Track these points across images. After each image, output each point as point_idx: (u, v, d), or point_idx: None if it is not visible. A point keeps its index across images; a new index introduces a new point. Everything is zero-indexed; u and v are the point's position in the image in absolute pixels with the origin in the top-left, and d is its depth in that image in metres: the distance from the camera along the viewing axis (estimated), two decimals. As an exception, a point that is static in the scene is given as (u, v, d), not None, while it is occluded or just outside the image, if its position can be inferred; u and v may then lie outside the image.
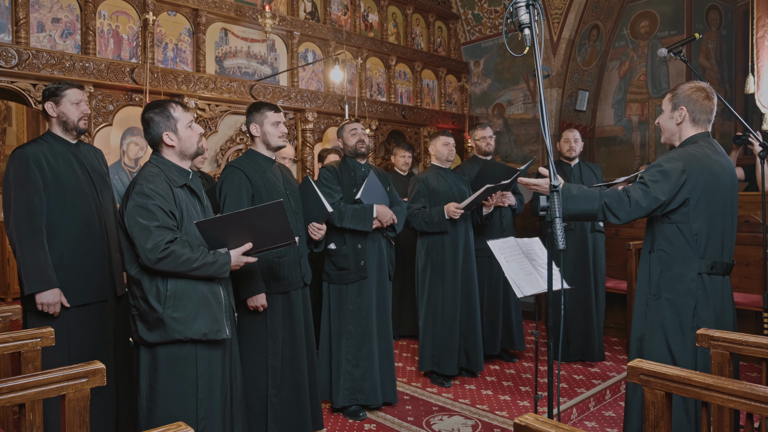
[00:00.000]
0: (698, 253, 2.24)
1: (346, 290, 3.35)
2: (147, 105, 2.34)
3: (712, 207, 2.25)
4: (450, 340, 3.86)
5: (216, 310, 2.23)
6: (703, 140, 2.33)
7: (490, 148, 4.36)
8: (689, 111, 2.33)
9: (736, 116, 3.05)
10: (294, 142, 5.36)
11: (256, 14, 4.96)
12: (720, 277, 2.27)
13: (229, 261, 2.22)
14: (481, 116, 7.06)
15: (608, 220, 2.26)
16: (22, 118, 7.83)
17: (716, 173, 2.25)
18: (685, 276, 2.25)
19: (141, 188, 2.14)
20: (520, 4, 1.99)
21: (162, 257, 2.07)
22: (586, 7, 6.02)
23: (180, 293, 2.15)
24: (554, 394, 2.31)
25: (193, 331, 2.15)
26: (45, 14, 3.93)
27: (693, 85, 2.35)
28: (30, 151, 2.61)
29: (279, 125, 2.86)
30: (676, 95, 2.36)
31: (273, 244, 2.35)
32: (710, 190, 2.24)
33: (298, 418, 2.86)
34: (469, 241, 3.98)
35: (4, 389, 1.45)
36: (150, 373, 2.19)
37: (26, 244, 2.53)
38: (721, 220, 2.28)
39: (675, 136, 2.40)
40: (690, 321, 2.23)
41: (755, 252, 4.22)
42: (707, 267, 2.24)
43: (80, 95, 2.76)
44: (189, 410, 2.20)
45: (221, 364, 2.30)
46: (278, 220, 2.27)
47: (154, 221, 2.10)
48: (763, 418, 1.69)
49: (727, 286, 2.30)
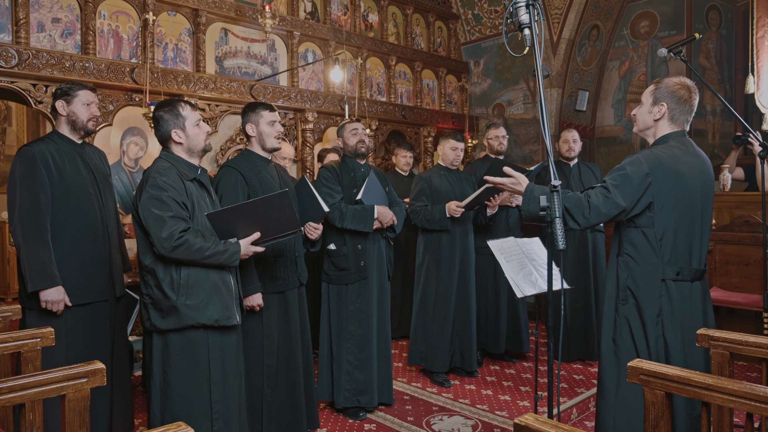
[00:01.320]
0: (663, 259, 2.15)
1: (346, 291, 3.35)
2: (158, 104, 2.44)
3: (678, 211, 2.15)
4: (439, 338, 3.86)
5: (227, 298, 2.32)
6: (675, 140, 2.22)
7: (502, 148, 4.34)
8: (669, 108, 2.23)
9: (736, 116, 3.04)
10: (294, 142, 5.36)
11: (256, 14, 4.96)
12: (688, 284, 2.17)
13: (239, 250, 2.32)
14: (481, 116, 7.06)
15: (568, 224, 2.14)
16: (22, 118, 7.84)
17: (683, 175, 2.15)
18: (650, 282, 2.17)
19: (155, 181, 2.23)
20: (520, 4, 1.99)
21: (176, 245, 2.16)
22: (586, 7, 6.02)
23: (193, 281, 2.24)
24: (554, 394, 2.31)
25: (205, 318, 2.25)
26: (45, 14, 3.93)
27: (677, 81, 2.24)
28: (37, 149, 2.63)
29: (275, 125, 2.87)
30: (658, 89, 2.25)
31: (280, 233, 2.45)
32: (677, 193, 2.14)
33: (294, 417, 2.87)
34: (468, 242, 3.98)
35: (4, 389, 1.45)
36: (163, 359, 2.26)
37: (31, 242, 2.54)
38: (689, 223, 2.18)
39: (650, 131, 2.30)
40: (653, 328, 2.15)
41: (755, 252, 4.22)
42: (673, 273, 2.15)
43: (92, 97, 2.81)
44: (203, 394, 2.27)
45: (234, 351, 2.38)
46: (284, 209, 2.37)
47: (168, 212, 2.20)
48: (763, 418, 1.69)
49: (696, 292, 2.19)
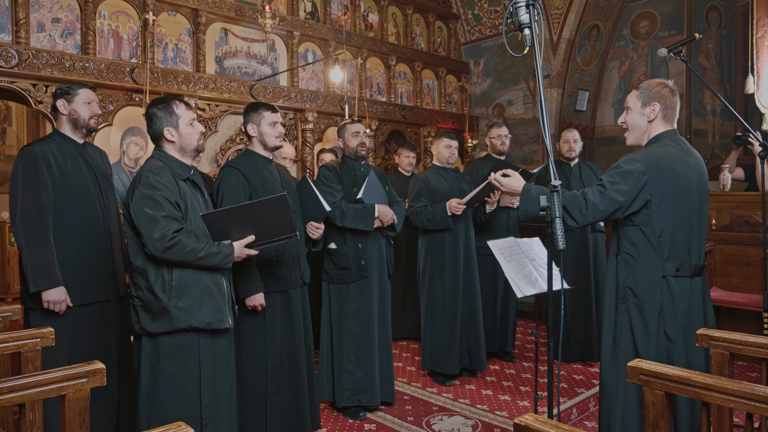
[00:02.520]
0: (662, 256, 2.17)
1: (347, 290, 3.35)
2: (152, 101, 2.40)
3: (676, 208, 2.17)
4: (450, 340, 3.86)
5: (219, 300, 2.28)
6: (668, 138, 2.25)
7: (504, 147, 4.33)
8: (662, 107, 2.26)
9: (736, 116, 3.04)
10: (294, 142, 5.36)
11: (256, 14, 4.96)
12: (688, 279, 2.19)
13: (233, 252, 2.28)
14: (481, 116, 7.07)
15: (566, 222, 2.15)
16: (22, 118, 7.84)
17: (679, 172, 2.17)
18: (650, 279, 2.18)
19: (147, 180, 2.19)
20: (520, 4, 1.99)
21: (169, 246, 2.12)
22: (586, 7, 6.02)
23: (185, 283, 2.20)
24: (554, 394, 2.31)
25: (197, 320, 2.20)
26: (45, 14, 3.93)
27: (660, 81, 2.30)
28: (39, 149, 2.63)
29: (276, 125, 2.86)
30: (643, 91, 2.29)
31: (274, 237, 2.41)
32: (674, 190, 2.16)
33: (297, 417, 2.87)
34: (469, 239, 3.98)
35: (4, 389, 1.45)
36: (152, 363, 2.21)
37: (33, 242, 2.53)
38: (687, 220, 2.20)
39: (645, 134, 2.31)
40: (655, 325, 2.17)
41: (755, 252, 4.22)
42: (673, 269, 2.16)
43: (92, 96, 2.80)
44: (192, 398, 2.23)
45: (225, 356, 2.35)
46: (281, 213, 2.33)
47: (161, 211, 2.16)
48: (763, 418, 1.69)
49: (696, 288, 2.22)
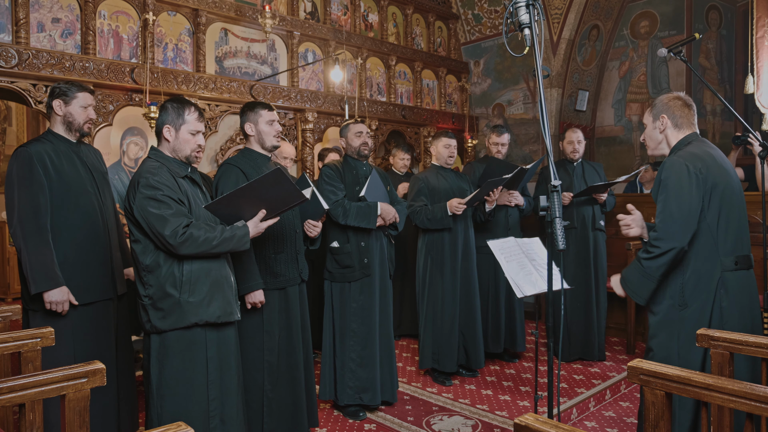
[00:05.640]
0: (721, 251, 2.20)
1: (349, 288, 3.35)
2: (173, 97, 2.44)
3: (725, 200, 2.23)
4: (449, 338, 3.86)
5: (228, 293, 2.33)
6: (695, 140, 2.34)
7: (499, 156, 4.28)
8: (670, 117, 2.36)
9: (736, 116, 3.05)
10: (294, 142, 5.36)
11: (256, 14, 4.96)
12: (745, 272, 2.23)
13: (248, 232, 2.32)
14: (481, 116, 7.07)
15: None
16: (22, 118, 7.84)
17: (721, 165, 2.25)
18: (710, 275, 2.21)
19: (147, 181, 2.21)
20: (520, 4, 1.99)
21: (182, 241, 2.16)
22: (586, 7, 6.02)
23: (195, 278, 2.23)
24: (554, 394, 2.31)
25: (208, 314, 2.24)
26: (45, 14, 3.93)
27: (670, 95, 2.41)
28: (33, 149, 2.60)
29: (273, 124, 2.86)
30: (654, 107, 2.43)
31: (286, 205, 2.44)
32: (721, 183, 2.23)
33: (294, 414, 2.87)
34: (468, 239, 3.99)
35: (4, 389, 1.45)
36: (159, 360, 2.24)
37: (32, 244, 2.52)
38: (737, 211, 2.26)
39: (662, 144, 2.42)
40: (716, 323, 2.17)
41: (755, 252, 4.16)
42: (731, 263, 2.21)
43: (90, 100, 2.76)
44: (199, 392, 2.25)
45: (232, 348, 2.37)
46: (282, 185, 2.35)
47: (167, 209, 2.18)
48: (763, 418, 1.69)
49: (752, 280, 2.26)
